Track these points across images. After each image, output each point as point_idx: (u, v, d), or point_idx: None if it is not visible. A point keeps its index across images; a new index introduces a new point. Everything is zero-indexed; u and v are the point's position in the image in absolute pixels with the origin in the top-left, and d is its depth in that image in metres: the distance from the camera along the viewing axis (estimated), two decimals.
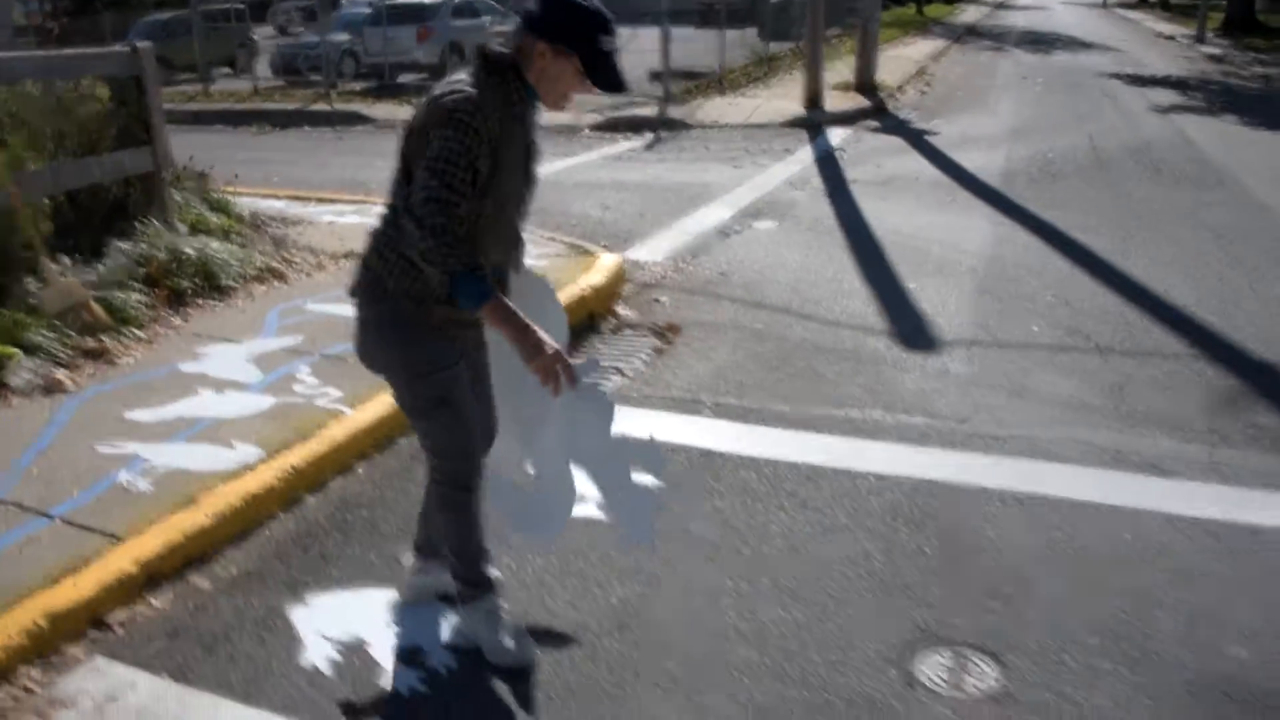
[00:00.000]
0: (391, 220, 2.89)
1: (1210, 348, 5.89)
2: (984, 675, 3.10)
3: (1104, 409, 5.04)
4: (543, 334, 2.73)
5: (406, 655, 3.22)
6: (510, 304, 2.76)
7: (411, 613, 3.43)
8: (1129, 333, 6.09)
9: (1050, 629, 3.31)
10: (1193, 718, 2.94)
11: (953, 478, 4.29)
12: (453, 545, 3.20)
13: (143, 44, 6.73)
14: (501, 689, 3.07)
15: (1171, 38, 30.33)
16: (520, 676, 3.11)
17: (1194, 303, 6.66)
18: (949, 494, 4.16)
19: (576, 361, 2.88)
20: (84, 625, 3.39)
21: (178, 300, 6.15)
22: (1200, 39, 28.20)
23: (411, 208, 2.66)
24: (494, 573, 3.24)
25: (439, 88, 2.81)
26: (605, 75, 2.83)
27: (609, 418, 3.12)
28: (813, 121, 14.12)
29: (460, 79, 2.79)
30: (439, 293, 2.79)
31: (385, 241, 2.92)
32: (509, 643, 3.17)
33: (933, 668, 3.12)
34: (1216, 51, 25.62)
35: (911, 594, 3.49)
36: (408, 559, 3.55)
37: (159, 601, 3.55)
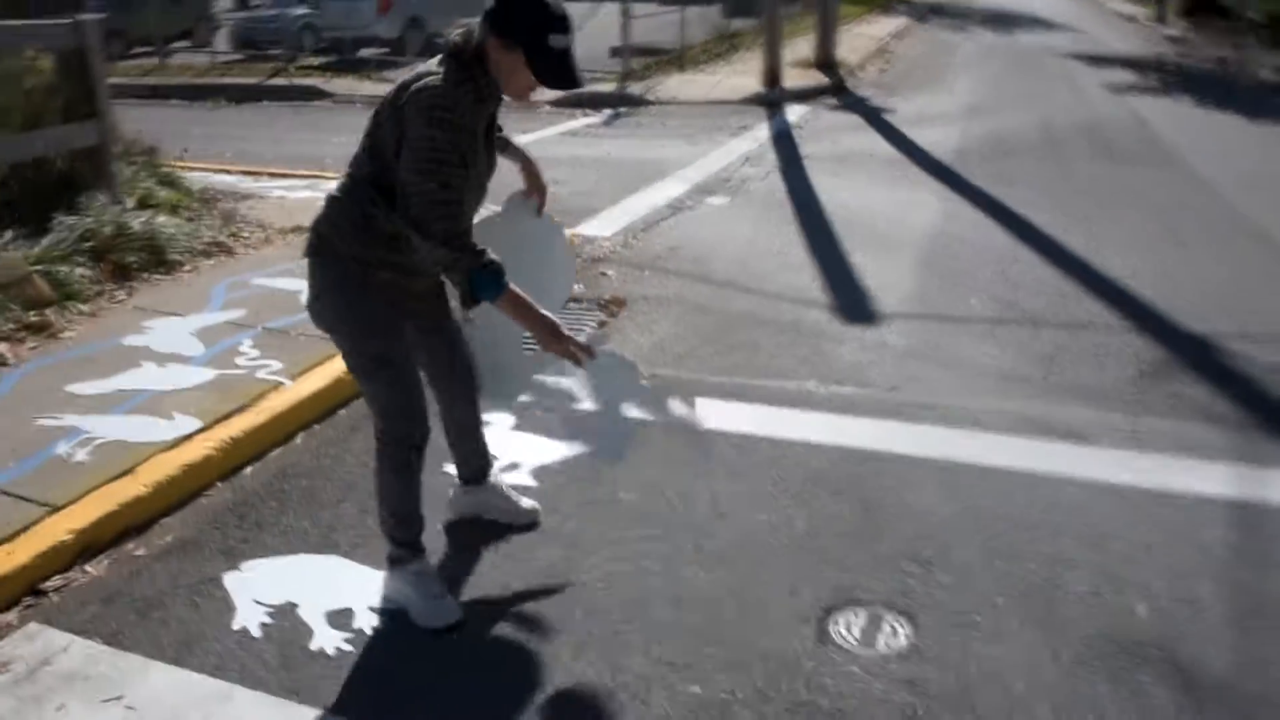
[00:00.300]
0: (348, 188, 3.04)
1: (1141, 320, 6.03)
2: (896, 634, 3.21)
3: (1033, 379, 5.17)
4: (553, 317, 2.92)
5: (335, 618, 3.29)
6: (522, 294, 2.88)
7: (342, 576, 3.51)
8: (1063, 305, 6.23)
9: (963, 590, 3.43)
10: (1090, 669, 3.06)
11: (878, 446, 4.40)
12: (389, 505, 3.29)
13: (86, 16, 6.70)
14: (425, 649, 3.15)
15: (1133, 19, 30.55)
16: (444, 637, 3.19)
17: (1129, 276, 6.81)
18: (873, 461, 4.27)
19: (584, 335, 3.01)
20: (19, 593, 3.44)
21: (124, 275, 6.17)
22: (1160, 20, 28.43)
23: (415, 218, 2.77)
24: (418, 537, 3.34)
25: (411, 78, 2.89)
26: (553, 72, 2.87)
27: (630, 371, 3.34)
28: (771, 99, 14.19)
29: (431, 71, 2.87)
30: (386, 259, 2.98)
31: (338, 208, 3.05)
32: (435, 605, 3.26)
33: (846, 627, 3.23)
34: (1176, 33, 25.85)
35: (830, 558, 3.60)
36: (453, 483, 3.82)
37: (94, 569, 3.60)
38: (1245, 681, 3.03)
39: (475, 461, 3.74)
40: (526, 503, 3.81)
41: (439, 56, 2.95)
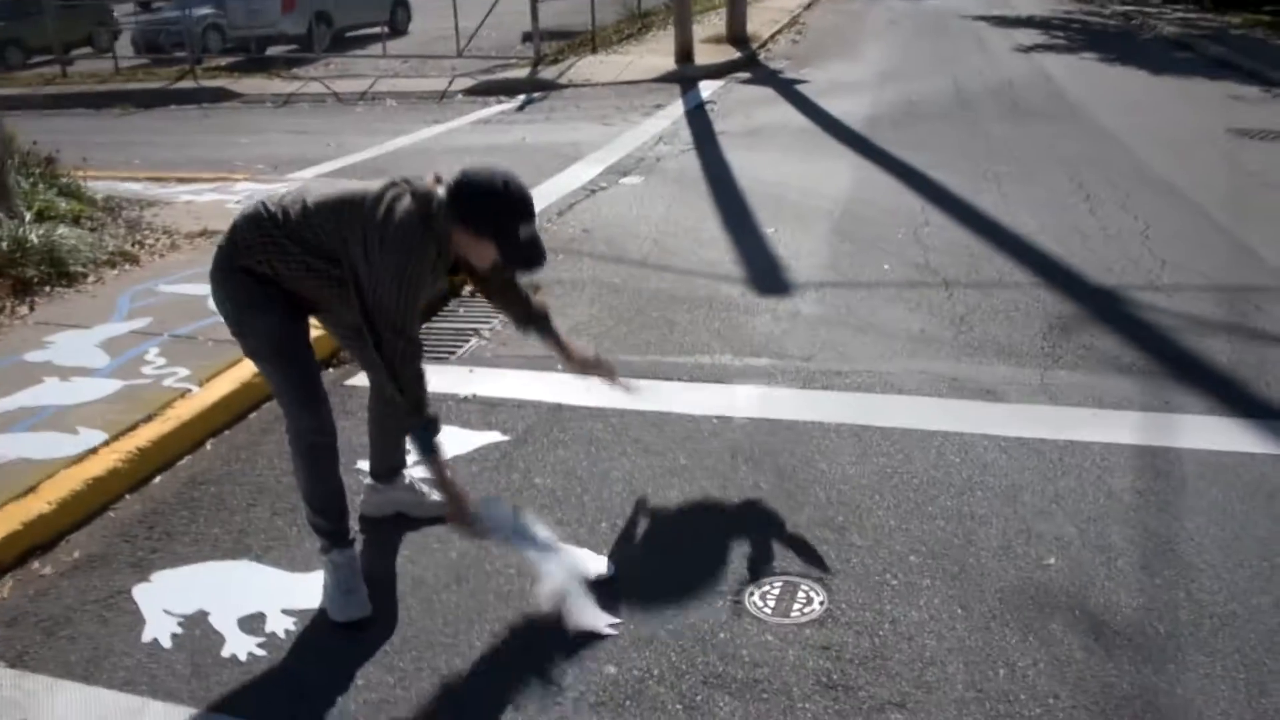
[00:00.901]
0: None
1: (1050, 275, 6.13)
2: (810, 601, 3.23)
3: (946, 340, 5.23)
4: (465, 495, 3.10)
5: (246, 623, 3.24)
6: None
7: (254, 580, 3.46)
8: (974, 265, 6.31)
9: (876, 553, 3.46)
10: (1001, 622, 3.11)
11: (793, 415, 4.43)
12: (304, 493, 3.31)
13: None
14: (337, 646, 3.12)
15: None
16: (356, 633, 3.16)
17: (1038, 231, 6.92)
18: (788, 431, 4.29)
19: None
20: None
21: (24, 290, 5.99)
22: None
23: (387, 364, 2.91)
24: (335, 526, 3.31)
25: (378, 214, 2.90)
26: (521, 257, 2.99)
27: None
28: (684, 76, 14.18)
29: (402, 213, 2.89)
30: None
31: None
32: (345, 598, 3.25)
33: (761, 598, 3.25)
34: None
35: (745, 529, 3.62)
36: (365, 480, 3.84)
37: None
38: (1154, 623, 3.10)
39: (392, 453, 3.71)
40: (438, 496, 3.77)
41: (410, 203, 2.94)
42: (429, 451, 3.02)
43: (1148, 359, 4.98)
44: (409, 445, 3.25)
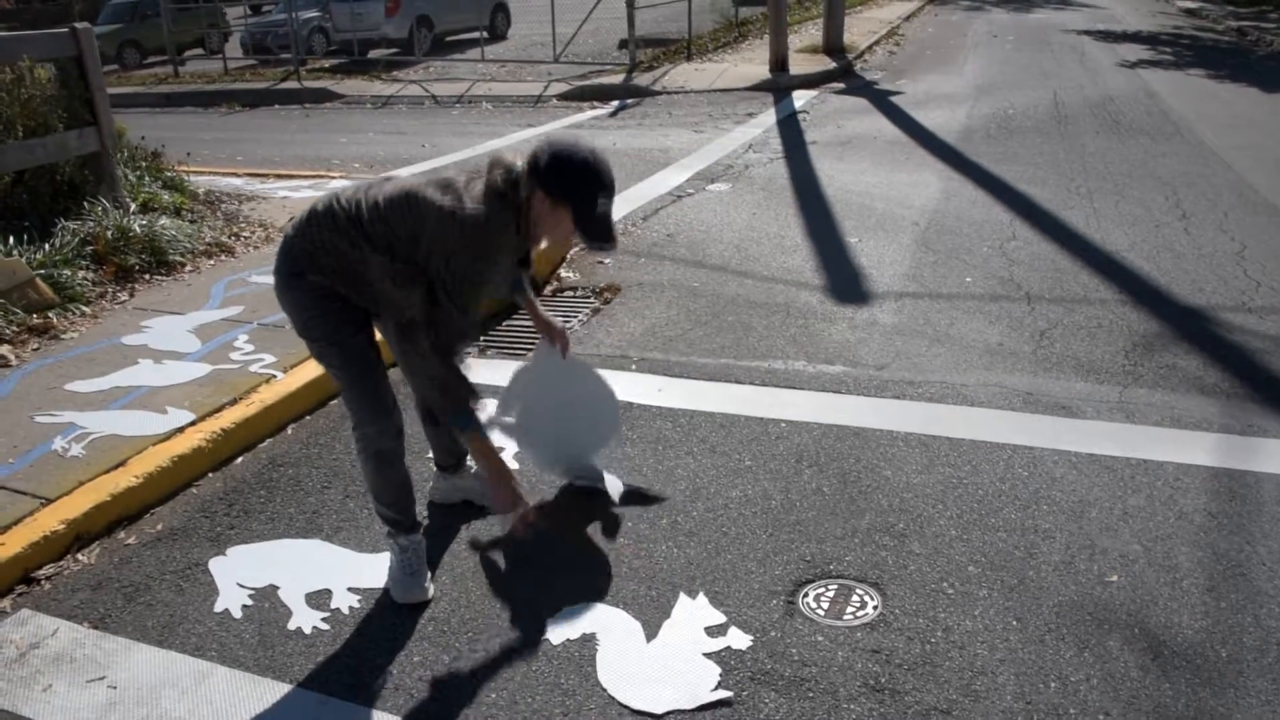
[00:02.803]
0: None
1: (1137, 293, 6.01)
2: (864, 605, 3.23)
3: (1024, 354, 5.17)
4: (514, 483, 3.11)
5: (313, 598, 3.36)
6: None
7: (323, 559, 3.58)
8: (1059, 280, 6.21)
9: (934, 561, 3.45)
10: (1057, 636, 3.08)
11: (862, 422, 4.42)
12: (371, 490, 3.39)
13: (81, 26, 6.80)
14: (398, 623, 3.21)
15: None
16: (414, 613, 3.25)
17: (1128, 249, 6.78)
18: (855, 437, 4.29)
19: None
20: (13, 581, 3.52)
21: (125, 276, 6.26)
22: None
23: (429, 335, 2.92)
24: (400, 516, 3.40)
25: (447, 195, 2.91)
26: (596, 231, 2.97)
27: None
28: (777, 85, 14.18)
29: (472, 193, 2.90)
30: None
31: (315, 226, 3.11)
32: (407, 581, 3.36)
33: (815, 599, 3.26)
34: (1193, 5, 25.59)
35: (804, 530, 3.63)
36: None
37: (86, 557, 3.68)
38: (1215, 647, 3.04)
39: (454, 446, 3.80)
40: None
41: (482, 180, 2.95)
42: (467, 430, 3.01)
43: (1232, 380, 4.87)
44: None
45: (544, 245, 3.20)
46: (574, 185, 2.92)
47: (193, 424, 4.41)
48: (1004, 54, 17.28)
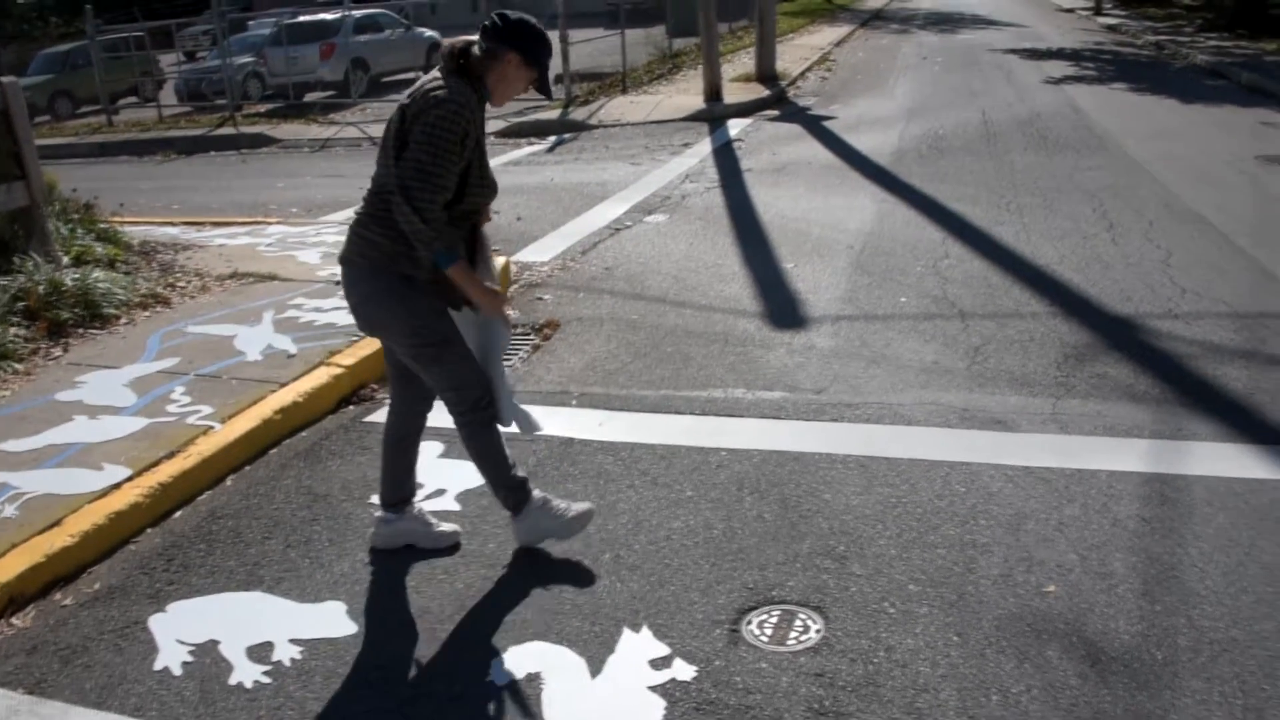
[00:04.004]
0: (374, 199, 3.42)
1: (1067, 305, 6.13)
2: (807, 629, 3.26)
3: (958, 371, 5.25)
4: (493, 288, 3.51)
5: (255, 651, 3.32)
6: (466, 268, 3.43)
7: (264, 611, 3.54)
8: (991, 296, 6.32)
9: (875, 581, 3.49)
10: (997, 649, 3.12)
11: (801, 446, 4.47)
12: (488, 469, 3.66)
13: (7, 79, 6.74)
14: (341, 673, 3.19)
15: (1071, 10, 30.99)
16: (358, 661, 3.23)
17: (1058, 261, 6.92)
18: (795, 462, 4.33)
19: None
20: None
21: (58, 331, 6.18)
22: (1098, 10, 28.86)
23: (403, 185, 3.20)
24: (523, 472, 3.72)
25: (418, 89, 3.33)
26: (544, 83, 3.58)
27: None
28: (712, 115, 14.32)
29: (436, 80, 3.32)
30: (419, 263, 3.38)
31: (370, 221, 3.42)
32: (571, 513, 3.70)
33: (759, 626, 3.28)
34: (1113, 22, 26.24)
35: (746, 558, 3.65)
36: (376, 513, 3.95)
37: (20, 621, 3.62)
38: (1150, 650, 3.10)
39: (405, 482, 3.83)
40: (447, 526, 3.87)
41: (437, 68, 3.40)
42: (452, 260, 3.35)
43: (1162, 387, 4.98)
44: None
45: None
46: (537, 43, 3.42)
47: (129, 479, 4.35)
48: (933, 75, 17.59)
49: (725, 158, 11.59)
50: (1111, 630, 3.20)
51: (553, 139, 13.96)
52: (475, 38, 3.40)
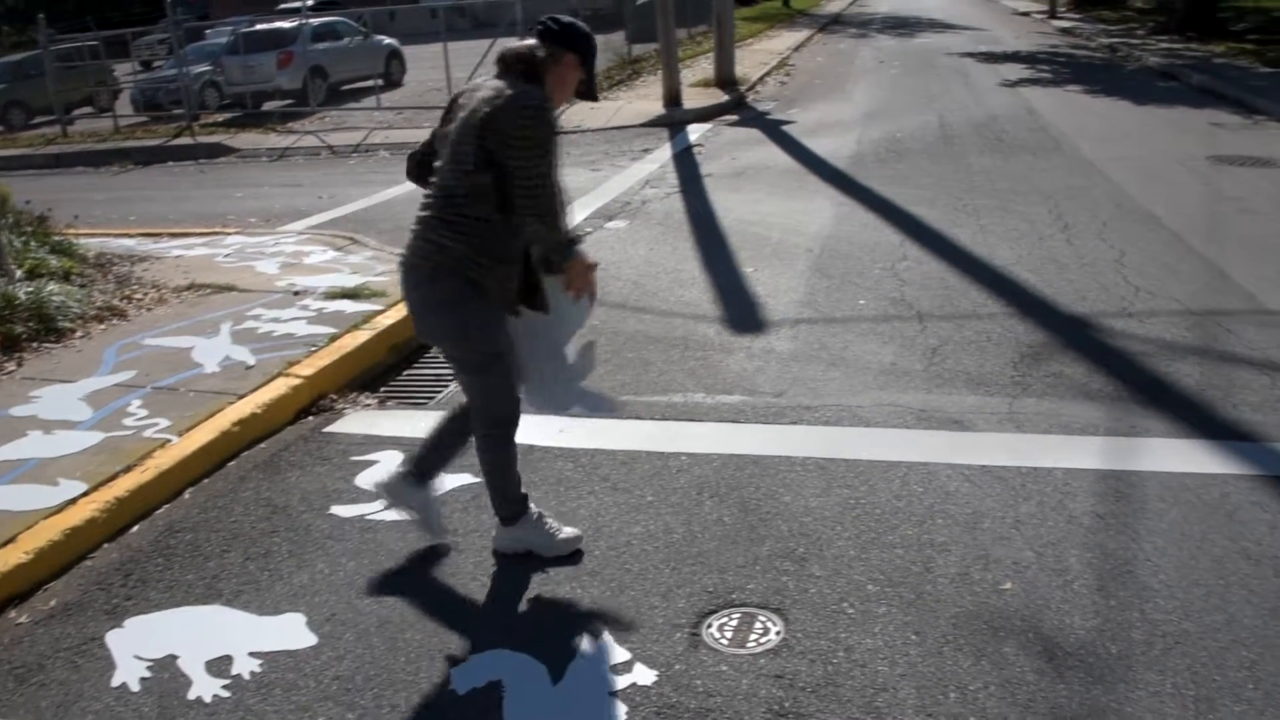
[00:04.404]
0: (445, 204, 3.41)
1: (1023, 305, 6.20)
2: (766, 631, 3.28)
3: (916, 372, 5.30)
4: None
5: (214, 665, 3.30)
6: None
7: (223, 624, 3.52)
8: (948, 297, 6.38)
9: (834, 582, 3.51)
10: (955, 647, 3.16)
11: (761, 450, 4.49)
12: (496, 480, 3.72)
13: None
14: (301, 684, 3.17)
15: (1027, 14, 31.33)
16: (317, 672, 3.21)
17: (1014, 262, 7.00)
18: (755, 465, 4.35)
19: None
20: None
21: (12, 346, 6.10)
22: (1052, 14, 29.18)
23: (534, 204, 3.32)
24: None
25: (491, 90, 3.36)
26: (594, 88, 3.69)
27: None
28: (672, 120, 14.36)
29: (505, 86, 3.35)
30: (487, 270, 3.41)
31: (440, 225, 3.41)
32: (559, 541, 3.74)
33: (719, 629, 3.30)
34: (1068, 25, 26.56)
35: (706, 562, 3.67)
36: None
37: None
38: (1105, 644, 3.15)
39: (443, 459, 3.88)
40: (569, 532, 3.87)
41: (496, 74, 3.45)
42: (573, 255, 3.50)
43: (1116, 384, 5.05)
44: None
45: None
46: (591, 44, 3.55)
47: (85, 494, 4.31)
48: (891, 79, 17.72)
49: (685, 163, 11.63)
50: (1067, 626, 3.24)
51: None
52: (534, 42, 3.48)
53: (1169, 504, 3.90)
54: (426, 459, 3.84)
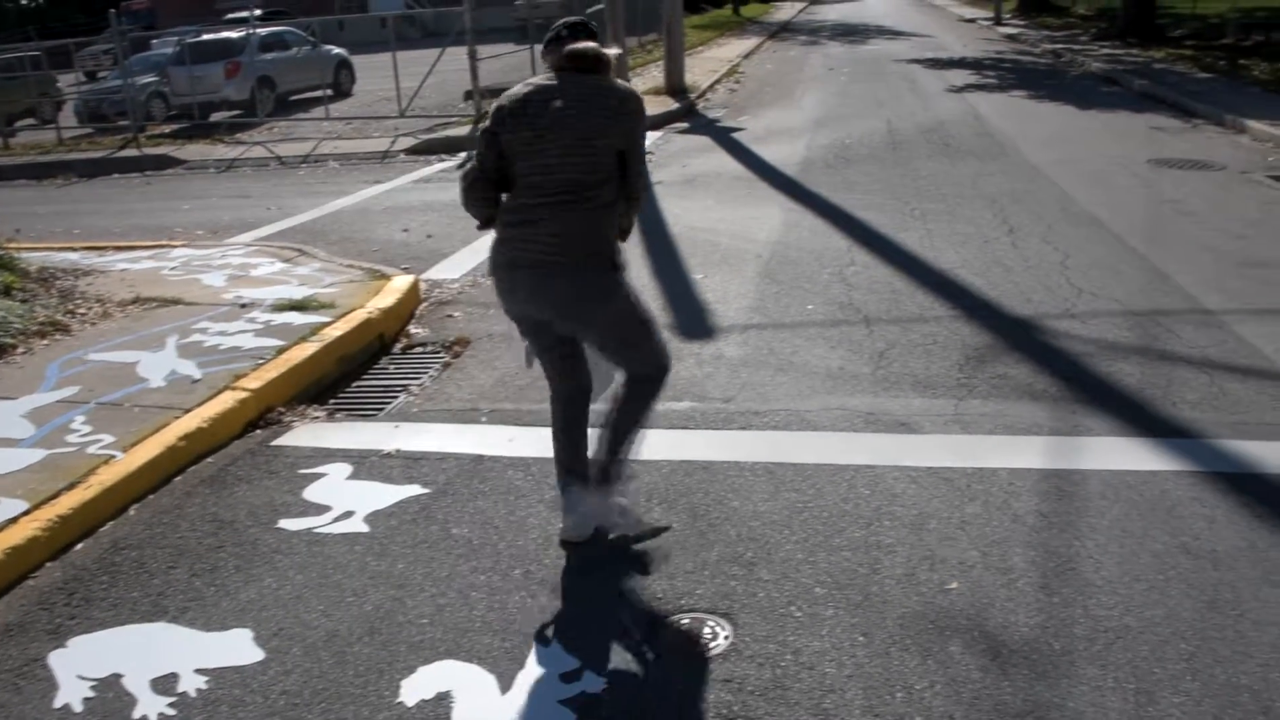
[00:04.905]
0: (577, 197, 3.54)
1: (970, 308, 6.28)
2: (715, 635, 3.29)
3: (864, 376, 5.34)
4: None
5: (160, 683, 3.26)
6: None
7: (169, 642, 3.48)
8: (895, 301, 6.45)
9: (782, 586, 3.54)
10: (901, 647, 3.19)
11: (709, 455, 4.51)
12: (631, 435, 3.82)
13: None
14: (247, 700, 3.14)
15: (973, 21, 31.74)
16: (264, 688, 3.18)
17: (959, 266, 7.08)
18: (703, 471, 4.37)
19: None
20: None
21: None
22: (998, 21, 29.59)
23: (640, 188, 3.68)
24: None
25: (610, 88, 3.57)
26: None
27: None
28: None
29: (601, 79, 3.58)
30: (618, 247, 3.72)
31: (580, 217, 3.56)
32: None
33: (671, 635, 3.31)
34: (1013, 31, 26.93)
35: (655, 569, 3.68)
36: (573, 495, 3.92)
37: None
38: (1049, 641, 3.19)
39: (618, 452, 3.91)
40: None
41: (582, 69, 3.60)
42: None
43: (1059, 385, 5.12)
44: None
45: None
46: None
47: (26, 513, 4.24)
48: (840, 86, 17.87)
49: None
50: (1012, 623, 3.28)
51: (463, 155, 13.90)
52: (594, 44, 3.62)
53: (1111, 501, 3.97)
54: (582, 463, 3.90)
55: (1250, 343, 5.50)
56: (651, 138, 13.77)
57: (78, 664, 3.41)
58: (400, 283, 7.07)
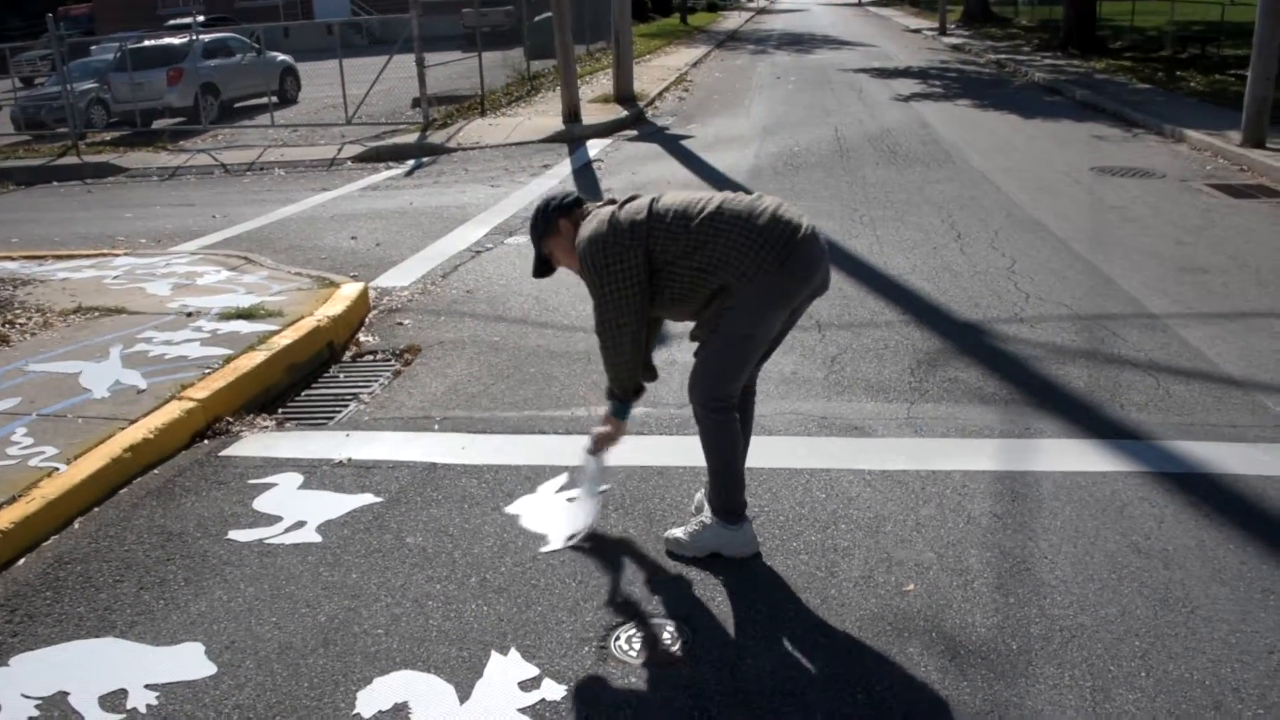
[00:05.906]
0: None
1: (919, 313, 6.33)
2: (673, 641, 3.28)
3: (817, 380, 5.37)
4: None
5: (108, 700, 3.18)
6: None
7: (117, 657, 3.40)
8: (847, 307, 6.48)
9: (739, 591, 3.53)
10: (860, 649, 3.19)
11: (665, 461, 4.50)
12: (732, 465, 3.70)
13: None
14: (198, 717, 3.07)
15: (918, 31, 32.14)
16: (216, 703, 3.12)
17: (909, 271, 7.14)
18: (659, 476, 4.36)
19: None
20: None
21: None
22: (943, 31, 29.97)
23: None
24: None
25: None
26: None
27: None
28: (571, 136, 14.37)
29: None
30: None
31: None
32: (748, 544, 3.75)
33: (627, 641, 3.29)
34: (957, 41, 27.29)
35: (612, 576, 3.66)
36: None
37: None
38: (1006, 640, 3.21)
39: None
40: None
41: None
42: (619, 416, 3.84)
43: (1009, 388, 5.17)
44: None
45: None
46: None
47: None
48: (788, 94, 17.99)
49: (585, 178, 11.65)
50: (969, 624, 3.30)
51: (411, 163, 13.82)
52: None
53: (1063, 502, 4.01)
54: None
55: (1194, 346, 5.59)
56: (600, 145, 13.79)
57: (21, 683, 3.31)
58: (349, 290, 6.99)
